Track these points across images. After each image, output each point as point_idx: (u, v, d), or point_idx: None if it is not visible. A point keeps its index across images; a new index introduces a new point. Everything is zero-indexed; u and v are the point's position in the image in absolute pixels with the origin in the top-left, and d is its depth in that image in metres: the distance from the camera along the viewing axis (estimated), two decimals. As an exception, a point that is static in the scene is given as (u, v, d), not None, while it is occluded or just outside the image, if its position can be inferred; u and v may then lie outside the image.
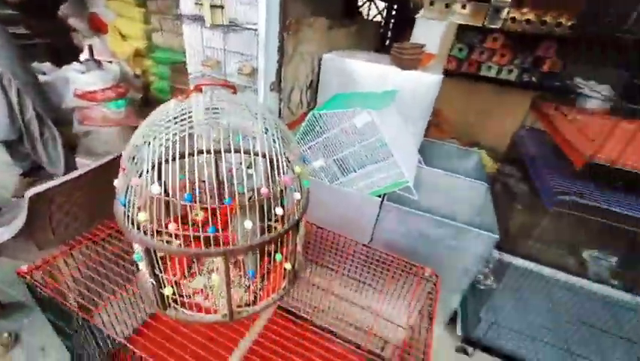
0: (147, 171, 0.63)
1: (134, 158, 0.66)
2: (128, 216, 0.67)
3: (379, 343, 1.42)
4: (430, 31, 1.86)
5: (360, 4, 3.40)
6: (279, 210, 0.72)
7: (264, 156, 0.77)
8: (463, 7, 3.25)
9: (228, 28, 1.23)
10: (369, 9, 3.37)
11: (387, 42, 3.45)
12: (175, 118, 0.67)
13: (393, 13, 3.36)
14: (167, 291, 0.76)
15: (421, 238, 1.45)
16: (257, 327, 1.13)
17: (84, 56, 2.42)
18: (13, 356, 1.43)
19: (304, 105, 1.83)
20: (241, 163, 0.90)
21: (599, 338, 1.62)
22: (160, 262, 0.73)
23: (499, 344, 1.54)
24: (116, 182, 0.73)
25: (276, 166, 0.71)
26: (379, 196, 1.49)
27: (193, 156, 0.78)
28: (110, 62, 2.53)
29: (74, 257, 0.99)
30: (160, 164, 0.65)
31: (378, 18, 3.56)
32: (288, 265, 0.87)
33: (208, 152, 0.78)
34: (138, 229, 0.68)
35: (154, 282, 0.74)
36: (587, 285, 2.00)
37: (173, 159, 0.61)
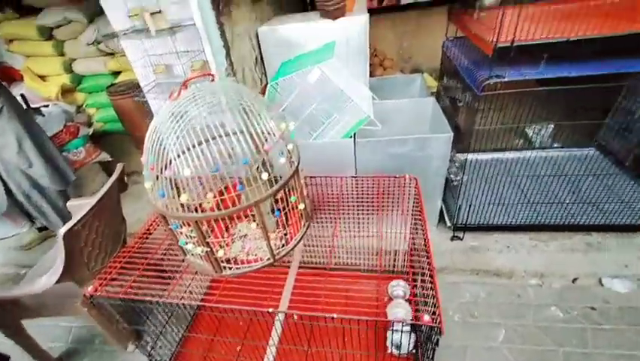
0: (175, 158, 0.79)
1: (157, 156, 0.80)
2: (167, 203, 0.83)
3: (391, 258, 1.71)
4: (345, -22, 1.99)
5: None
6: (282, 160, 0.91)
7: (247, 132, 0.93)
8: (366, -57, 3.34)
9: (170, 30, 1.31)
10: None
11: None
12: (177, 115, 0.81)
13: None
14: (220, 253, 0.95)
15: (394, 159, 1.70)
16: (290, 280, 1.35)
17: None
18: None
19: (258, 82, 1.95)
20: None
21: (550, 186, 2.02)
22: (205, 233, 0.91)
23: (479, 221, 1.89)
24: (146, 184, 0.87)
25: (262, 133, 0.88)
26: (351, 137, 1.71)
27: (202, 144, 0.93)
28: (46, 105, 2.44)
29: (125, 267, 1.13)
30: (178, 155, 0.80)
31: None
32: (301, 205, 1.07)
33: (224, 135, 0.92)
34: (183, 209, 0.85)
35: (207, 249, 0.92)
36: (535, 153, 2.42)
37: (193, 147, 0.77)
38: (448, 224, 1.93)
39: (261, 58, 1.98)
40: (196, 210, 0.84)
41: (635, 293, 1.67)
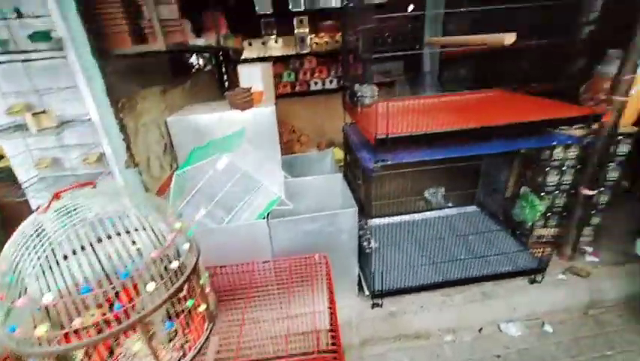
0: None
1: (10, 282, 0.69)
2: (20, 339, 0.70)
3: (314, 338, 1.65)
4: (252, 74, 2.24)
5: (187, 57, 3.60)
6: (174, 264, 0.87)
7: (143, 228, 0.89)
8: (276, 41, 3.88)
9: (59, 127, 1.24)
10: (198, 60, 3.61)
11: (227, 84, 3.76)
12: (39, 233, 0.74)
13: (221, 59, 3.71)
14: (94, 387, 0.80)
15: (308, 236, 1.76)
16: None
17: None
18: None
19: (167, 168, 1.91)
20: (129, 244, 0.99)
21: (448, 245, 2.30)
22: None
23: (395, 285, 2.00)
24: (-7, 316, 0.73)
25: (153, 236, 0.85)
26: (265, 218, 1.74)
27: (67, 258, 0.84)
28: None
29: None
30: (39, 277, 0.71)
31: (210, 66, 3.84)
32: (203, 306, 1.01)
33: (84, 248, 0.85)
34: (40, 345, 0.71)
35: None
36: (433, 214, 2.77)
37: (57, 264, 0.69)
38: (367, 293, 2.00)
39: (172, 144, 1.98)
40: (59, 343, 0.72)
41: (526, 335, 1.90)
